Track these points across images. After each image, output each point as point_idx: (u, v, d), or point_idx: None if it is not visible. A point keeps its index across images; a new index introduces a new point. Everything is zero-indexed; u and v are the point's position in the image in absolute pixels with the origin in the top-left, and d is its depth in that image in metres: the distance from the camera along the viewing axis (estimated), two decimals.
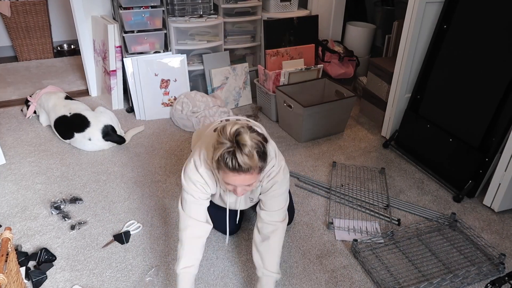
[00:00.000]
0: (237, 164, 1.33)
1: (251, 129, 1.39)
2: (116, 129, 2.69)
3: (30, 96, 2.97)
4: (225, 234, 1.92)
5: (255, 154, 1.34)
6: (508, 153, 2.02)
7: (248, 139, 1.33)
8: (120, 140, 2.67)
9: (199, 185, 1.56)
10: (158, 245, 1.92)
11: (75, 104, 2.75)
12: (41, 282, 1.69)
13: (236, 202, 1.75)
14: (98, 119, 2.62)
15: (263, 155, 1.38)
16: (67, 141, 2.67)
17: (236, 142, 1.33)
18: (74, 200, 2.17)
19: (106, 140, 2.62)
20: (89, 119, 2.62)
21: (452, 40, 2.30)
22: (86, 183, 2.32)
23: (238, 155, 1.32)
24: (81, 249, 1.88)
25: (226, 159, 1.34)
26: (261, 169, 1.41)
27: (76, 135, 2.59)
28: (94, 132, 2.58)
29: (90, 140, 2.58)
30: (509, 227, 2.08)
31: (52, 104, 2.77)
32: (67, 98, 2.83)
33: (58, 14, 4.29)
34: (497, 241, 1.99)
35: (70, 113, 2.66)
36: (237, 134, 1.33)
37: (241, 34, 3.29)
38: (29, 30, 3.98)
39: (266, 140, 1.43)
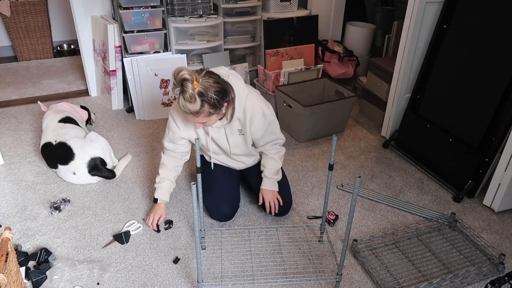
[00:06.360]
0: (182, 106, 1.58)
1: (206, 75, 1.59)
2: (107, 160, 2.35)
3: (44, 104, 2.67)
4: (223, 221, 2.06)
5: (197, 100, 1.55)
6: (508, 153, 2.03)
7: (190, 87, 1.53)
8: (109, 175, 2.33)
9: (173, 123, 1.89)
10: (158, 245, 1.91)
11: (65, 129, 2.38)
12: (41, 282, 1.69)
13: (220, 137, 1.91)
14: (85, 151, 2.27)
15: (210, 100, 1.58)
16: (53, 170, 2.39)
17: (181, 85, 1.55)
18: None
19: (93, 175, 2.28)
20: (74, 150, 2.26)
21: (452, 40, 2.30)
22: (86, 183, 2.32)
23: (181, 99, 1.57)
24: (81, 249, 1.88)
25: (178, 99, 1.58)
26: (211, 113, 1.64)
27: (60, 167, 2.28)
28: (79, 166, 2.25)
29: (75, 174, 2.26)
30: (509, 227, 2.08)
31: (45, 125, 2.48)
32: (61, 121, 2.46)
33: (58, 14, 4.29)
34: (497, 241, 1.99)
35: (55, 141, 2.32)
36: (183, 79, 1.53)
37: (241, 34, 3.29)
38: (29, 30, 3.98)
39: (222, 87, 1.62)
